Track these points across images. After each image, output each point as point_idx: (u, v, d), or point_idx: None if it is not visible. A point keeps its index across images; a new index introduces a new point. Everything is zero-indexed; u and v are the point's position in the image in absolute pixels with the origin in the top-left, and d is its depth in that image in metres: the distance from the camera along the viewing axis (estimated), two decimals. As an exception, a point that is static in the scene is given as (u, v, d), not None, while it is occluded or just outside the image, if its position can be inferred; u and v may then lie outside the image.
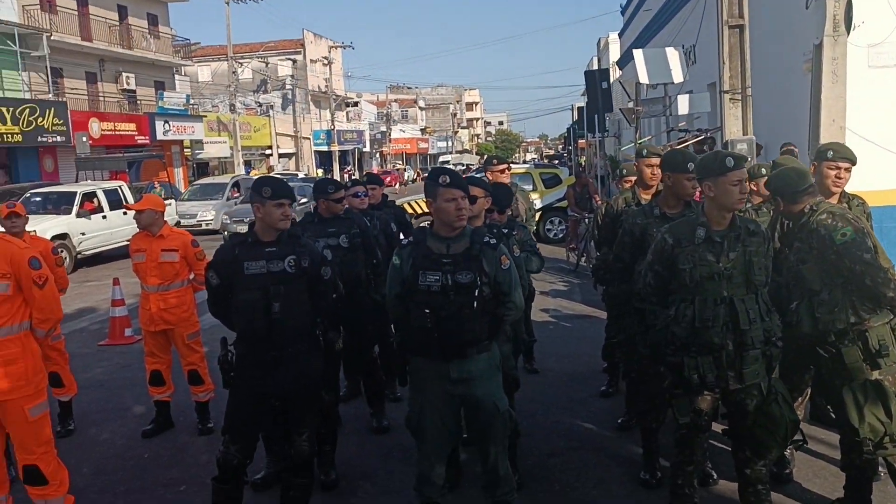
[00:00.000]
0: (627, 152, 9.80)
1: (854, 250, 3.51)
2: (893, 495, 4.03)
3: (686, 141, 9.51)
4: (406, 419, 3.81)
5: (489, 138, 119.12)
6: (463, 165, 39.00)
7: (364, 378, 5.64)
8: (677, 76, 10.31)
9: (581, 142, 43.46)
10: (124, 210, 17.73)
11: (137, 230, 5.84)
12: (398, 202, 9.99)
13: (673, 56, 10.36)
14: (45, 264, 4.00)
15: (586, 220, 11.42)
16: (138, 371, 7.68)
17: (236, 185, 24.05)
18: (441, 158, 63.23)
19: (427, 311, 3.53)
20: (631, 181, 5.79)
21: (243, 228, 17.88)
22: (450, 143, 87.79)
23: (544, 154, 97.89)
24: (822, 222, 3.59)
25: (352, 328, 5.16)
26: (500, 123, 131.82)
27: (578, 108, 32.59)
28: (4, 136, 23.82)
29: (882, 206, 7.74)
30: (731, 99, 8.86)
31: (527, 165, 19.57)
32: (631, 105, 10.86)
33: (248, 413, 3.92)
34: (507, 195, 5.06)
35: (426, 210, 5.60)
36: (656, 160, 4.94)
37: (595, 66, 48.94)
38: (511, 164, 7.57)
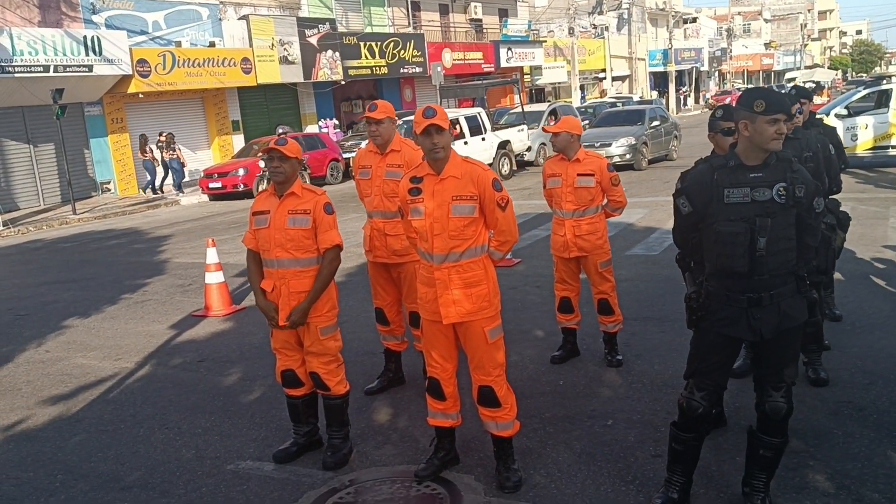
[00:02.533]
0: None
1: None
2: None
3: None
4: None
5: (844, 50, 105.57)
6: (813, 84, 34.30)
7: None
8: None
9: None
10: (482, 136, 18.46)
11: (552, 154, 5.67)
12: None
13: None
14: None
15: None
16: (528, 294, 7.80)
17: (553, 112, 22.15)
18: (787, 75, 57.00)
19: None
20: None
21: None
22: (798, 58, 79.14)
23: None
24: None
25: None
26: (858, 33, 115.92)
27: None
28: (374, 68, 26.03)
29: None
30: None
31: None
32: None
33: (719, 358, 3.48)
34: None
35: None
36: None
37: None
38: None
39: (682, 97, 53.05)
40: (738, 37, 71.68)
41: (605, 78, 45.60)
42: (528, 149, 20.79)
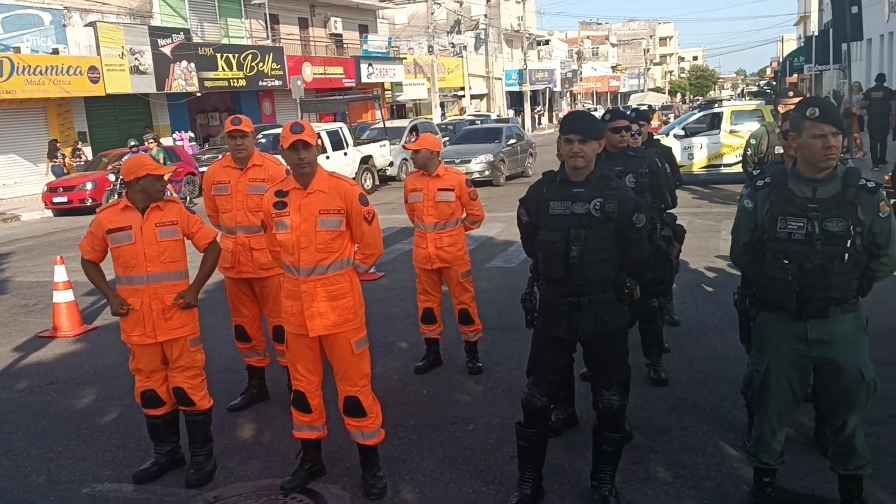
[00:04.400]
0: None
1: None
2: None
3: None
4: (745, 379, 3.50)
5: (682, 75, 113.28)
6: (645, 106, 36.61)
7: (643, 328, 5.37)
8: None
9: (793, 77, 40.15)
10: (345, 151, 18.50)
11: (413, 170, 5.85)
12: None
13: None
14: None
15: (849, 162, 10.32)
16: (392, 307, 7.93)
17: (415, 128, 22.27)
18: (634, 97, 60.75)
19: (786, 262, 3.18)
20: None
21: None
22: (641, 81, 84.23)
23: (745, 91, 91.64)
24: None
25: (633, 274, 4.87)
26: (695, 59, 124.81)
27: (808, 37, 29.94)
28: (231, 80, 25.47)
29: None
30: None
31: (757, 102, 18.17)
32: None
33: (549, 356, 3.75)
34: None
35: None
36: None
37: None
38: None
39: (536, 116, 55.21)
40: (588, 59, 75.47)
41: (464, 96, 46.72)
42: (390, 164, 21.00)
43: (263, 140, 17.48)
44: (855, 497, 3.42)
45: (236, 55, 25.70)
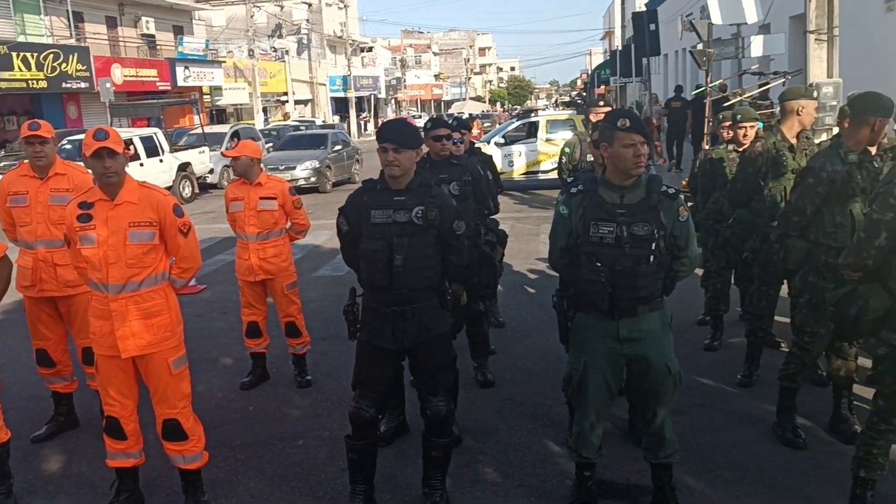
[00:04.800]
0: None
1: None
2: None
3: (767, 84, 9.18)
4: (565, 378, 3.65)
5: (501, 84, 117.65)
6: (464, 114, 37.32)
7: (470, 331, 5.48)
8: (751, 16, 9.89)
9: (600, 88, 42.86)
10: (160, 158, 17.58)
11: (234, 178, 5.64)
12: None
13: (747, -5, 9.91)
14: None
15: (651, 169, 11.14)
16: (215, 321, 7.61)
17: (236, 134, 21.37)
18: (454, 106, 62.35)
19: (599, 264, 3.35)
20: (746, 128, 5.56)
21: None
22: (463, 90, 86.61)
23: (558, 101, 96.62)
24: None
25: (459, 280, 4.97)
26: (512, 69, 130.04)
27: (612, 51, 31.96)
28: (29, 81, 23.50)
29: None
30: (816, 39, 8.48)
31: (569, 112, 19.18)
32: (701, 46, 10.47)
33: (374, 367, 3.73)
34: None
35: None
36: (753, 123, 5.55)
37: (618, 10, 47.95)
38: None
39: (362, 123, 55.20)
40: (411, 67, 76.59)
41: (287, 101, 45.86)
42: (211, 171, 20.20)
43: (69, 146, 16.23)
44: (665, 483, 3.65)
45: (35, 54, 23.68)
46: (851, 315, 3.41)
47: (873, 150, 4.11)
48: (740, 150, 5.55)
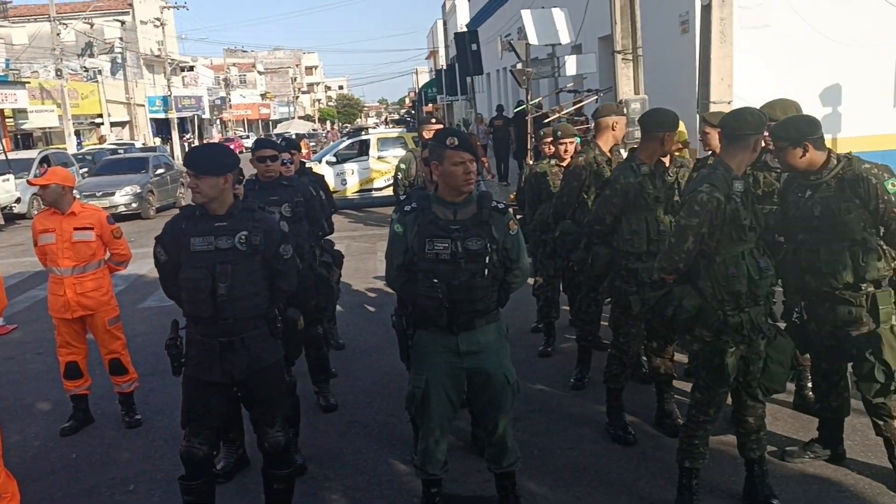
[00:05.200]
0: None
1: None
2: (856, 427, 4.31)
3: (581, 101, 9.71)
4: (407, 396, 3.64)
5: (330, 103, 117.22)
6: (291, 133, 36.42)
7: (309, 356, 5.36)
8: (564, 37, 10.46)
9: (428, 106, 43.73)
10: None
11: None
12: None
13: (560, 17, 10.49)
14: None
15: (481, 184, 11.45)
16: (29, 363, 7.00)
17: (45, 160, 19.82)
18: (280, 126, 61.23)
19: (436, 280, 3.38)
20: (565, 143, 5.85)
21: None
22: (292, 109, 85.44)
23: (388, 119, 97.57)
24: (870, 171, 3.62)
25: (295, 304, 4.87)
26: (341, 88, 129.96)
27: (438, 70, 32.68)
28: None
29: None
30: (623, 59, 9.09)
31: (399, 130, 19.36)
32: (520, 66, 10.94)
33: (204, 402, 3.55)
34: None
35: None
36: (572, 139, 5.82)
37: (441, 30, 49.23)
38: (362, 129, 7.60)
39: (185, 144, 53.04)
40: (236, 87, 74.56)
41: (102, 123, 43.22)
42: (17, 200, 18.63)
43: None
44: (510, 492, 3.72)
45: None
46: (668, 315, 3.65)
47: (667, 160, 4.48)
48: (562, 164, 5.82)
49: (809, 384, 4.70)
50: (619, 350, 4.59)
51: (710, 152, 4.71)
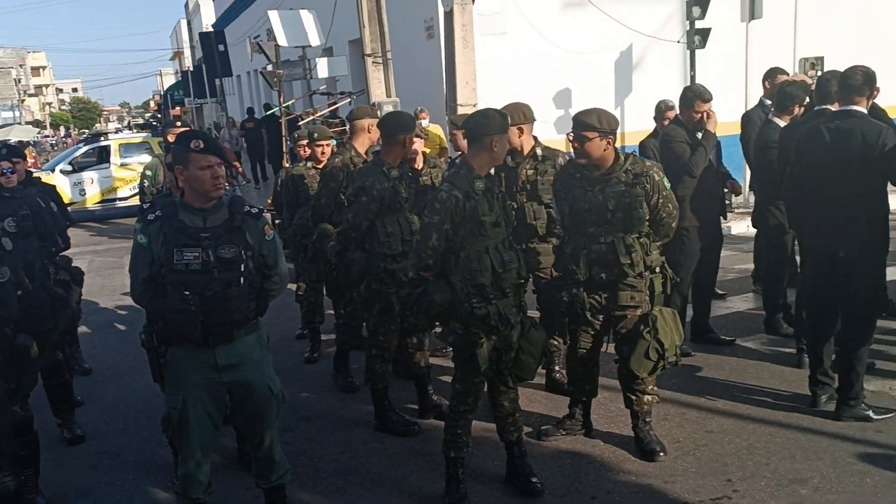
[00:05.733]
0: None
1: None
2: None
3: (335, 103, 9.70)
4: (163, 418, 3.41)
5: (64, 107, 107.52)
6: (12, 140, 33.03)
7: (48, 385, 4.84)
8: (314, 39, 10.39)
9: (175, 109, 41.56)
10: None
11: None
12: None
13: (308, 19, 10.39)
14: None
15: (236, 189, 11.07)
16: None
17: None
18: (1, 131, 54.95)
19: (187, 293, 3.17)
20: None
21: None
22: (17, 113, 77.04)
23: (131, 123, 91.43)
24: (651, 168, 3.99)
25: (27, 329, 4.38)
26: (75, 90, 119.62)
27: (184, 72, 31.13)
28: None
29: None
30: (373, 62, 9.22)
31: (144, 134, 18.12)
32: (270, 68, 10.68)
33: None
34: None
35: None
36: (328, 141, 5.92)
37: (185, 30, 46.93)
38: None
39: None
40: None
41: None
42: None
43: None
44: (280, 505, 3.61)
45: None
46: (424, 310, 3.76)
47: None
48: (319, 166, 5.77)
49: (557, 367, 5.07)
50: (380, 349, 4.65)
51: (459, 153, 4.92)
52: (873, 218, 4.26)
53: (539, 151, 4.79)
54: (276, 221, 6.63)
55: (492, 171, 3.93)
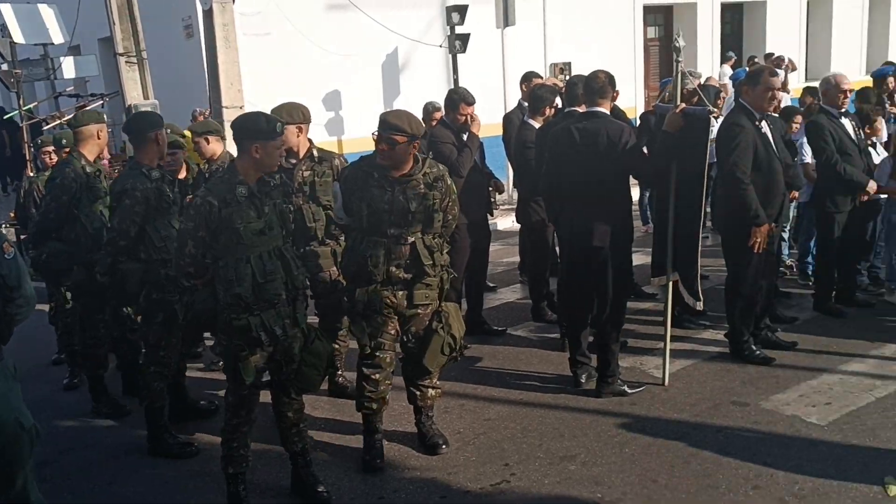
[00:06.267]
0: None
1: None
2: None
3: (85, 106, 8.93)
4: None
5: None
6: None
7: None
8: (57, 37, 9.47)
9: None
10: None
11: None
12: None
13: (49, 14, 9.46)
14: None
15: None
16: None
17: None
18: None
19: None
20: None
21: None
22: None
23: None
24: (444, 171, 4.11)
25: None
26: None
27: None
28: None
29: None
30: (127, 62, 8.63)
31: None
32: (6, 67, 9.58)
33: None
34: None
35: None
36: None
37: None
38: None
39: None
40: None
41: None
42: None
43: None
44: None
45: None
46: (187, 319, 3.70)
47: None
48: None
49: (340, 371, 5.05)
50: (159, 366, 4.39)
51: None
52: (620, 210, 4.68)
53: (315, 153, 4.74)
54: (22, 237, 6.01)
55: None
